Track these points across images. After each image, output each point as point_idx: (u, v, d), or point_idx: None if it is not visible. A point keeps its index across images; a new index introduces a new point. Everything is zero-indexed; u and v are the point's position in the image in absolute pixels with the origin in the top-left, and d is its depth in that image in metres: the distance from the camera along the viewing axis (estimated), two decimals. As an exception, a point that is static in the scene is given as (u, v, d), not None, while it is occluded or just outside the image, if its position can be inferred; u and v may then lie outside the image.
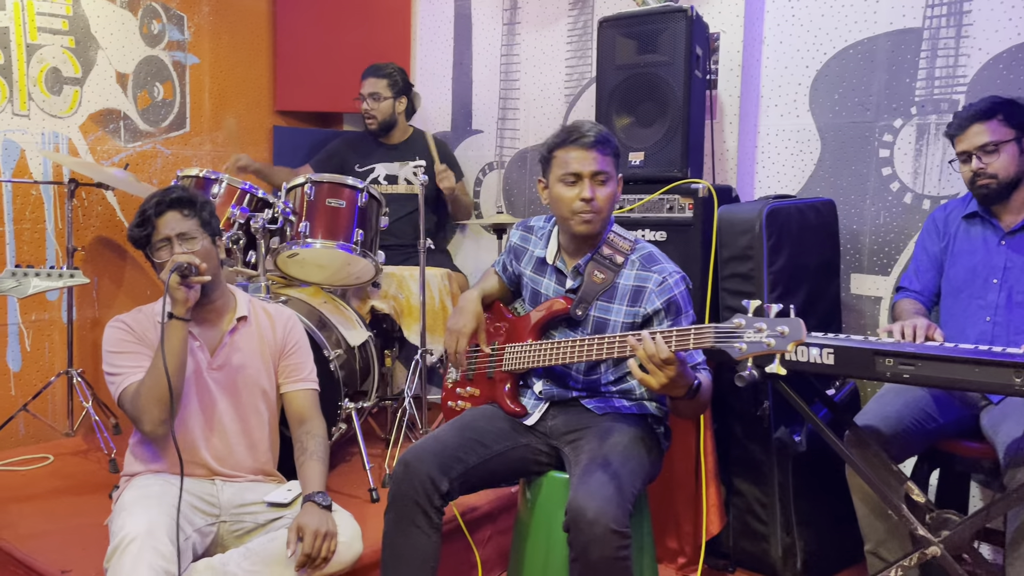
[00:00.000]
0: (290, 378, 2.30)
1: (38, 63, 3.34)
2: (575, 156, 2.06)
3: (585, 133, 2.06)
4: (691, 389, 1.88)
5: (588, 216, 2.07)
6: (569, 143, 2.07)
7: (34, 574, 2.25)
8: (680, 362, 1.81)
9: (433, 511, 1.98)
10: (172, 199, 2.12)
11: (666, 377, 1.79)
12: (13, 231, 3.31)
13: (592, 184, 2.06)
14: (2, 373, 3.32)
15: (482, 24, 4.00)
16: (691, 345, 1.79)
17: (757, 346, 1.68)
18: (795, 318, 1.67)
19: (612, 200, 2.11)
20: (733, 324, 1.71)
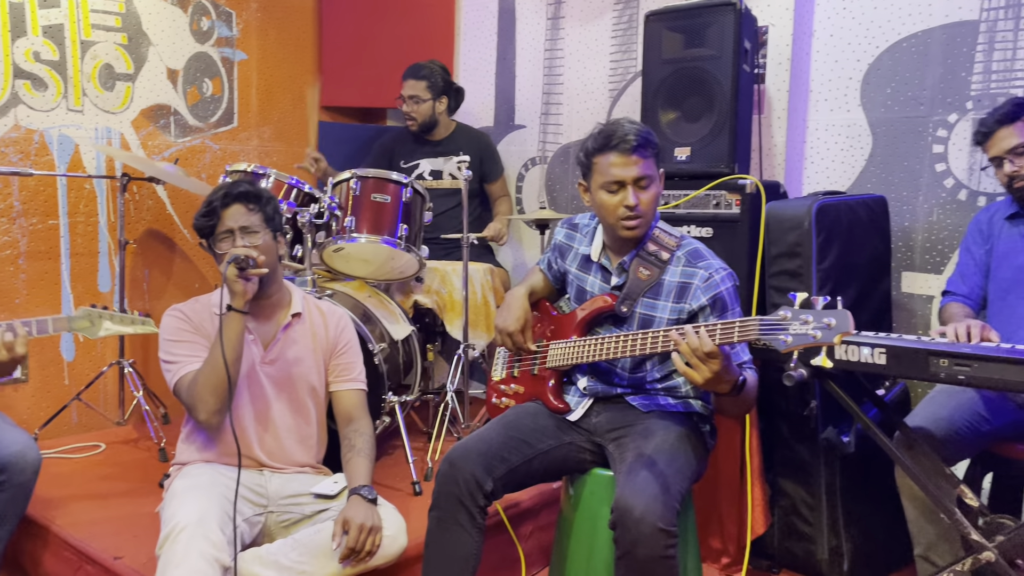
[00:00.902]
0: (340, 377, 2.32)
1: (92, 59, 3.41)
2: (616, 163, 2.03)
3: (624, 138, 2.01)
4: (736, 385, 1.85)
5: (633, 223, 2.06)
6: (609, 149, 2.03)
7: (87, 560, 2.30)
8: (725, 356, 1.78)
9: (477, 510, 1.99)
10: (239, 192, 2.14)
11: (710, 371, 1.77)
12: (68, 224, 3.39)
13: (635, 190, 2.03)
14: (56, 363, 3.41)
15: (526, 19, 3.99)
16: (736, 338, 1.76)
17: (803, 338, 1.66)
18: (842, 310, 1.64)
19: (656, 201, 2.08)
20: (779, 316, 1.69)
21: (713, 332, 1.78)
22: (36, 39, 3.25)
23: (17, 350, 2.08)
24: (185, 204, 3.75)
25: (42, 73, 3.28)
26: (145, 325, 2.28)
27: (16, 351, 2.08)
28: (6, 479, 2.18)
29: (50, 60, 3.30)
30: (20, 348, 2.09)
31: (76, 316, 2.22)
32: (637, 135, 2.02)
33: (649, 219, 2.09)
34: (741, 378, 1.87)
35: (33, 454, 2.23)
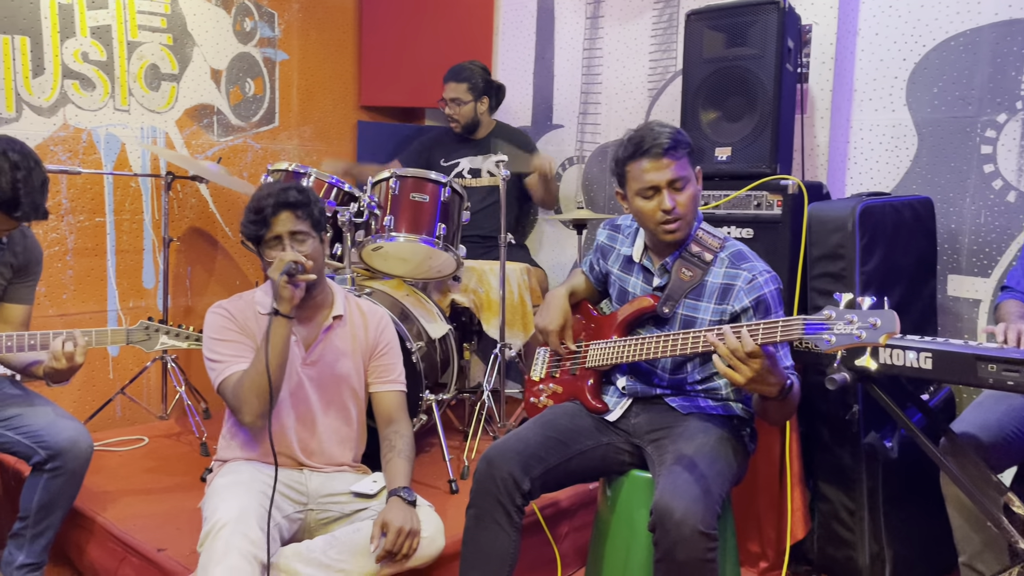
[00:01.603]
0: (380, 378, 2.33)
1: (138, 60, 3.48)
2: (648, 168, 2.02)
3: (654, 142, 2.00)
4: (783, 389, 1.83)
5: (673, 226, 2.04)
6: (640, 155, 2.02)
7: (132, 551, 2.35)
8: (769, 357, 1.76)
9: (514, 509, 1.99)
10: (289, 201, 2.13)
11: (752, 371, 1.75)
12: (114, 221, 3.46)
13: (671, 192, 2.02)
14: (102, 357, 3.48)
15: (564, 18, 3.98)
16: (779, 337, 1.74)
17: (847, 338, 1.63)
18: (888, 310, 1.61)
19: (694, 201, 2.06)
20: (823, 316, 1.66)
21: (756, 332, 1.76)
22: (84, 40, 3.32)
23: (76, 359, 2.14)
24: (227, 202, 3.81)
25: (90, 73, 3.35)
26: (199, 341, 2.31)
27: (75, 360, 2.13)
28: (60, 464, 2.23)
29: (98, 60, 3.37)
30: (79, 358, 2.14)
31: (134, 329, 2.27)
32: (667, 137, 2.00)
33: (690, 220, 2.07)
34: (789, 382, 1.85)
35: (86, 441, 2.28)
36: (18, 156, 2.11)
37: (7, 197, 2.08)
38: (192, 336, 2.33)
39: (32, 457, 2.24)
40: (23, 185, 2.09)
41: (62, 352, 2.11)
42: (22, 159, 2.11)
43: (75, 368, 2.15)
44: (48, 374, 2.18)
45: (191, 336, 2.33)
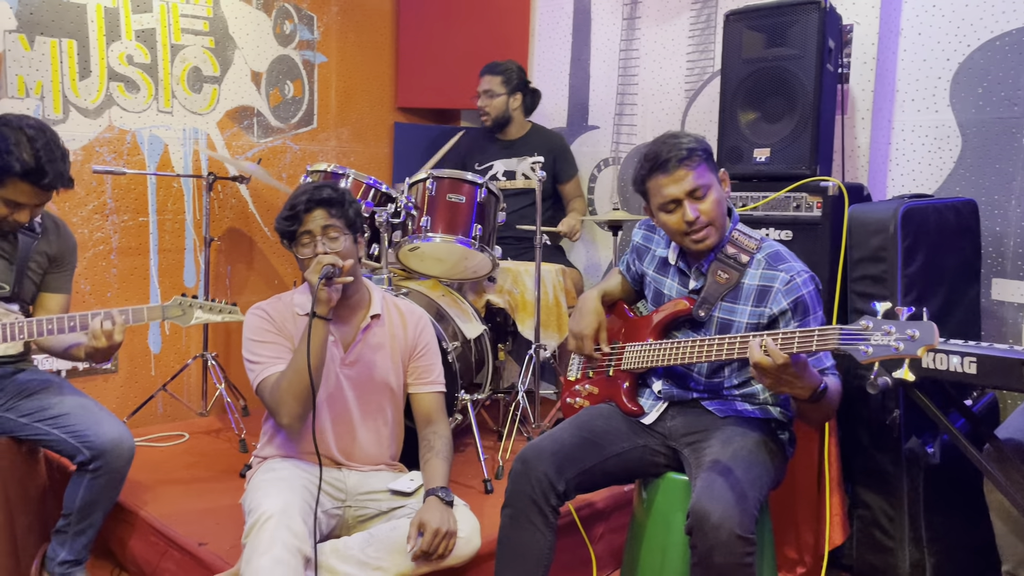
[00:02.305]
0: (419, 379, 2.34)
1: (181, 62, 3.54)
2: (665, 182, 2.01)
3: (668, 155, 1.99)
4: (816, 392, 1.82)
5: (700, 235, 2.04)
6: (656, 171, 2.02)
7: (173, 545, 2.39)
8: (802, 364, 1.75)
9: (549, 510, 1.99)
10: (322, 198, 2.15)
11: (781, 377, 1.75)
12: (156, 221, 3.53)
13: (692, 202, 2.01)
14: (144, 355, 3.55)
15: (601, 19, 3.98)
16: (814, 347, 1.73)
17: (884, 349, 1.61)
18: (927, 321, 1.59)
19: (719, 205, 2.04)
20: (860, 326, 1.65)
21: (791, 340, 1.75)
22: (130, 43, 3.39)
23: (115, 338, 2.17)
24: (266, 203, 3.86)
25: (135, 76, 3.42)
26: (232, 313, 2.34)
27: (114, 339, 2.17)
28: (102, 465, 2.27)
29: (142, 63, 3.44)
30: (118, 336, 2.18)
31: (169, 305, 2.29)
32: (680, 148, 1.99)
33: (717, 225, 2.05)
34: (822, 385, 1.83)
35: (128, 442, 2.32)
36: (34, 130, 2.18)
37: (31, 167, 2.14)
38: (226, 309, 2.34)
39: (76, 456, 2.28)
40: (44, 153, 2.16)
41: (101, 330, 2.15)
42: (38, 132, 2.18)
43: (114, 347, 2.19)
44: (89, 354, 2.22)
45: (225, 309, 2.34)
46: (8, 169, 2.14)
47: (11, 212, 2.23)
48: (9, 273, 2.35)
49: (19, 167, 2.13)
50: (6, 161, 2.13)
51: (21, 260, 2.35)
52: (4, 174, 2.15)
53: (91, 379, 3.38)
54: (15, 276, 2.35)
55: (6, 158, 2.13)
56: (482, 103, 3.79)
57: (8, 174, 2.14)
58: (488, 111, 3.78)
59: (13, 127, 2.16)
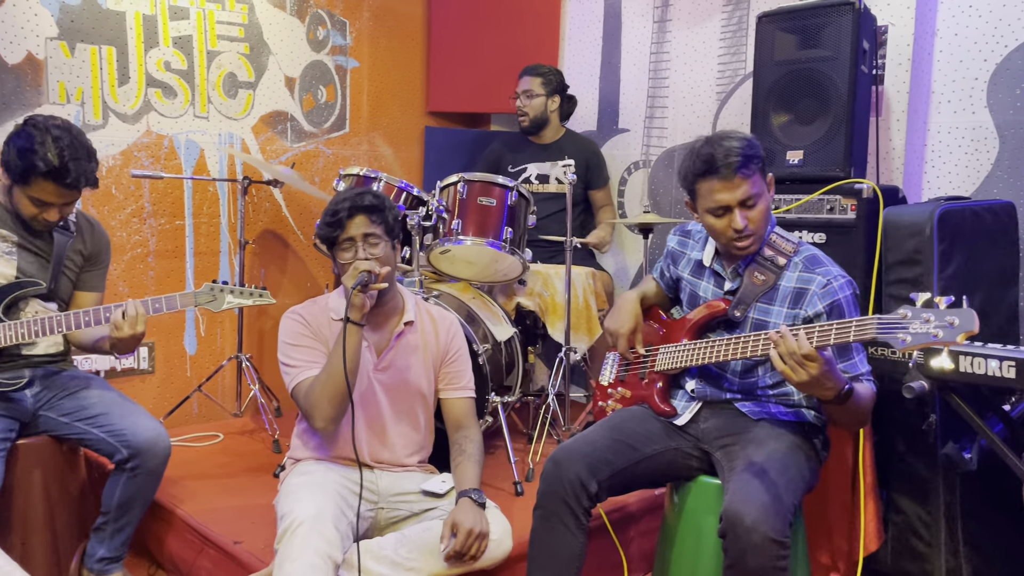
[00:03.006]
0: (450, 385, 2.36)
1: (217, 69, 3.60)
2: (718, 188, 1.98)
3: (725, 160, 1.95)
4: (840, 394, 1.80)
5: (745, 243, 2.03)
6: (710, 174, 1.98)
7: (209, 543, 2.43)
8: (825, 361, 1.74)
9: (581, 511, 2.00)
10: (364, 205, 2.17)
11: (807, 375, 1.74)
12: (192, 224, 3.59)
13: (742, 211, 1.99)
14: (180, 356, 3.60)
15: (632, 22, 3.97)
16: (852, 337, 1.72)
17: (923, 337, 1.61)
18: (967, 308, 1.58)
19: (766, 215, 2.04)
20: (898, 315, 1.64)
21: (828, 331, 1.75)
22: (167, 50, 3.45)
23: (137, 328, 2.22)
24: (299, 207, 3.91)
25: (172, 82, 3.48)
26: (263, 297, 2.37)
27: (136, 329, 2.21)
28: (139, 464, 2.32)
29: (179, 69, 3.50)
30: (140, 326, 2.22)
31: (200, 292, 2.34)
32: (738, 154, 1.96)
33: (761, 234, 2.05)
34: (846, 386, 1.82)
35: (164, 442, 2.36)
36: (59, 130, 2.23)
37: (55, 166, 2.19)
38: (256, 292, 2.37)
39: (114, 455, 2.33)
40: (68, 152, 2.21)
41: (123, 320, 2.20)
42: (63, 132, 2.23)
43: (137, 337, 2.23)
44: (113, 345, 2.27)
45: (255, 292, 2.37)
46: (33, 168, 2.20)
47: (40, 211, 2.29)
48: (46, 271, 2.41)
49: (43, 166, 2.19)
50: (31, 160, 2.19)
51: (57, 258, 2.42)
52: (29, 173, 2.21)
53: (128, 379, 3.44)
54: (52, 274, 2.41)
55: (31, 157, 2.19)
56: (520, 103, 3.80)
57: (33, 173, 2.21)
58: (526, 111, 3.80)
59: (39, 128, 2.22)
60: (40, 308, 2.40)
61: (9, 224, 2.37)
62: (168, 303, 2.29)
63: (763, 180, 2.03)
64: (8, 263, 2.37)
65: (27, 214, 2.31)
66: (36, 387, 2.42)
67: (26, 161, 2.20)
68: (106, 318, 2.26)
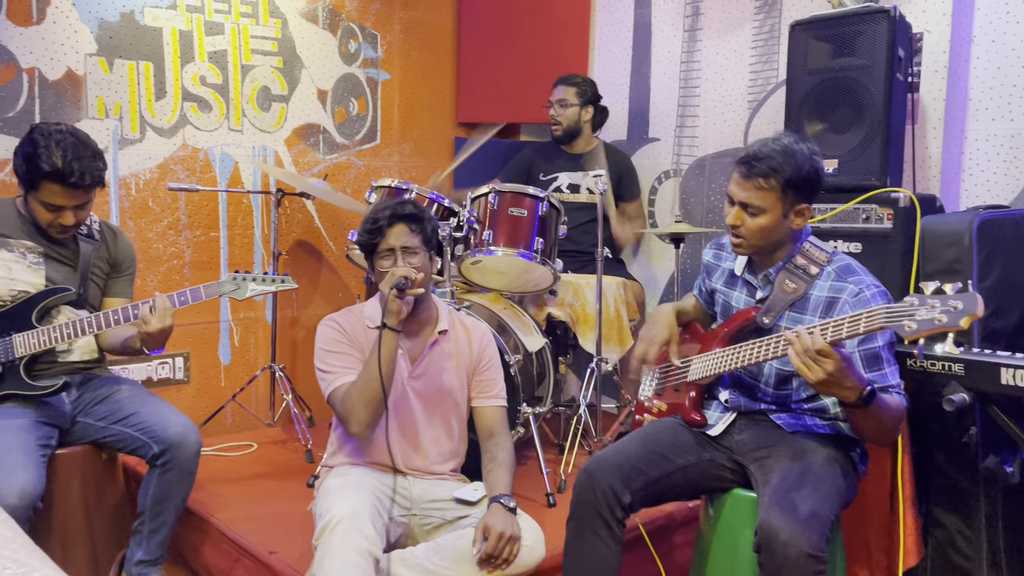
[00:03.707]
0: (482, 393, 2.37)
1: (251, 82, 3.65)
2: (735, 179, 2.05)
3: (754, 159, 1.99)
4: (862, 396, 1.78)
5: (736, 240, 2.08)
6: (739, 163, 2.04)
7: (245, 553, 2.45)
8: (843, 359, 1.73)
9: (615, 522, 1.98)
10: (404, 214, 2.21)
11: (824, 372, 1.73)
12: (227, 236, 3.63)
13: (740, 211, 2.03)
14: (214, 366, 3.64)
15: (662, 32, 3.97)
16: (862, 328, 1.72)
17: (927, 324, 1.61)
18: (971, 292, 1.59)
19: (763, 231, 2.02)
20: (905, 303, 1.66)
21: (840, 324, 1.75)
22: (203, 64, 3.51)
23: (166, 321, 2.26)
24: (331, 218, 3.95)
25: (207, 96, 3.54)
26: (285, 283, 2.42)
27: (165, 322, 2.26)
28: (171, 458, 2.35)
29: (214, 84, 3.55)
30: (168, 319, 2.26)
31: (223, 281, 2.39)
32: (767, 164, 1.97)
33: (753, 244, 2.05)
34: (868, 387, 1.79)
35: (194, 436, 2.39)
36: (62, 133, 2.29)
37: (58, 167, 2.24)
38: (278, 279, 2.42)
39: (147, 452, 2.37)
40: (71, 153, 2.26)
41: (150, 314, 2.25)
42: (66, 135, 2.29)
43: (166, 331, 2.28)
44: (144, 341, 2.31)
45: (277, 279, 2.41)
46: (39, 171, 2.26)
47: (55, 216, 2.34)
48: (74, 279, 2.47)
49: (47, 167, 2.25)
50: (36, 164, 2.25)
51: (84, 265, 2.48)
52: (36, 177, 2.27)
53: (164, 389, 3.49)
54: (79, 280, 2.47)
55: (36, 161, 2.25)
56: (554, 112, 3.81)
57: (39, 176, 2.27)
58: (560, 120, 3.80)
59: (43, 133, 2.28)
60: (71, 314, 2.45)
61: (34, 235, 2.43)
62: (193, 295, 2.34)
63: (779, 202, 1.98)
64: (36, 272, 2.42)
65: (43, 221, 2.36)
66: (73, 393, 2.47)
67: (32, 166, 2.26)
68: (134, 315, 2.31)
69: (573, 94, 3.79)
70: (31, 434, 2.27)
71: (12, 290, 2.39)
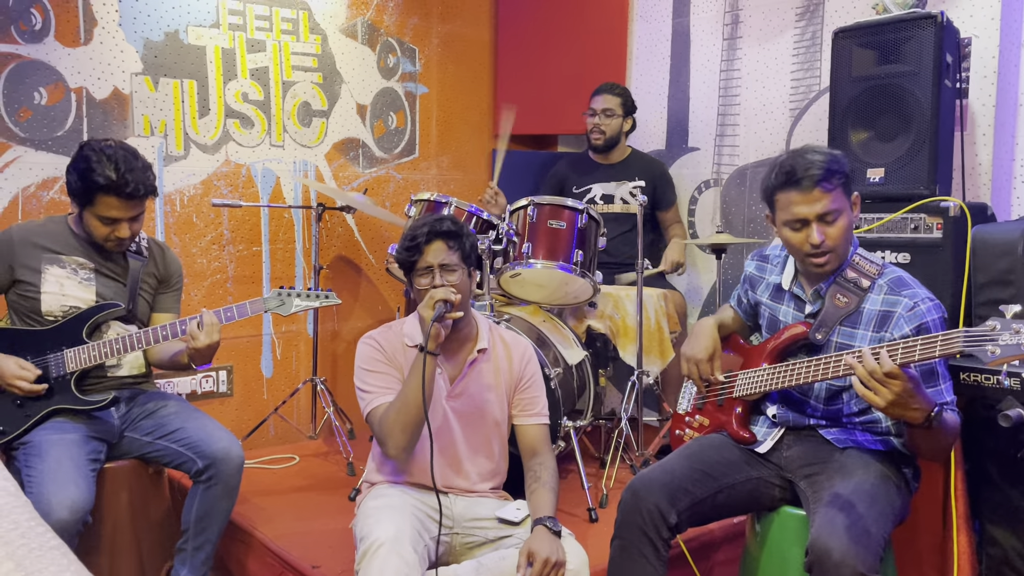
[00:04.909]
0: (524, 411, 2.34)
1: (292, 98, 3.69)
2: (797, 200, 1.94)
3: (805, 172, 1.92)
4: (929, 417, 1.73)
5: (821, 260, 1.98)
6: (789, 185, 1.95)
7: (289, 567, 2.46)
8: (911, 379, 1.68)
9: (661, 543, 1.95)
10: (443, 231, 2.19)
11: (892, 394, 1.67)
12: (269, 250, 3.68)
13: (820, 225, 1.94)
14: (257, 379, 3.68)
15: (701, 40, 3.94)
16: (937, 352, 1.66)
17: (1013, 349, 1.55)
18: None
19: (846, 233, 1.98)
20: (987, 327, 1.59)
21: (913, 347, 1.69)
22: (245, 81, 3.56)
23: (214, 336, 2.31)
24: (371, 232, 3.97)
25: (249, 112, 3.59)
26: (329, 298, 2.45)
27: (213, 337, 2.31)
28: (214, 474, 2.37)
29: (256, 100, 3.60)
30: (215, 335, 2.31)
31: (268, 297, 2.43)
32: (820, 167, 1.92)
33: (841, 251, 1.99)
34: (936, 408, 1.74)
35: (237, 450, 2.42)
36: (112, 148, 2.35)
37: (113, 179, 2.30)
38: (322, 295, 2.45)
39: (191, 467, 2.40)
40: (123, 165, 2.32)
41: (198, 330, 2.30)
42: (117, 149, 2.35)
43: (213, 346, 2.33)
44: (191, 356, 2.35)
45: (321, 295, 2.44)
46: (94, 186, 2.31)
47: (111, 229, 2.39)
48: (123, 294, 2.51)
49: (103, 180, 2.30)
50: (91, 179, 2.31)
51: (132, 281, 2.52)
52: (92, 192, 2.33)
53: (208, 402, 3.53)
54: (129, 296, 2.51)
55: (91, 176, 2.30)
56: (599, 121, 3.77)
57: (95, 191, 2.32)
58: (604, 129, 3.77)
59: (94, 149, 2.34)
60: (120, 329, 2.50)
61: (86, 252, 2.48)
62: (239, 311, 2.38)
63: (845, 197, 1.97)
64: (87, 288, 2.47)
65: (99, 236, 2.41)
66: (122, 408, 2.51)
67: (87, 181, 2.31)
68: (182, 331, 2.35)
69: (618, 104, 3.76)
70: (81, 449, 2.32)
71: (64, 305, 2.44)
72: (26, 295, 2.43)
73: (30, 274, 2.43)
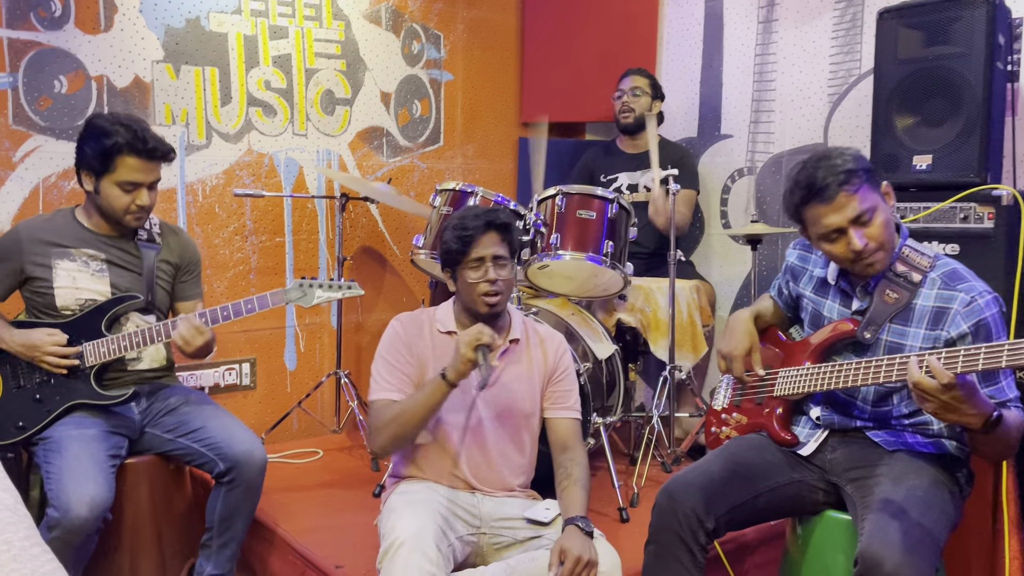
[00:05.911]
0: (556, 404, 2.27)
1: (315, 86, 3.62)
2: (824, 212, 1.84)
3: (824, 182, 1.82)
4: (988, 422, 1.62)
5: (870, 260, 1.87)
6: (812, 200, 1.85)
7: (311, 566, 2.40)
8: (969, 387, 1.58)
9: (698, 548, 1.87)
10: (499, 222, 2.12)
11: (943, 401, 1.58)
12: (292, 241, 3.61)
13: (857, 228, 1.84)
14: (280, 372, 3.63)
15: (734, 24, 3.81)
16: (1004, 362, 1.54)
17: None
18: None
19: (887, 227, 1.87)
20: None
21: (976, 356, 1.57)
22: (267, 69, 3.50)
23: (197, 341, 2.29)
24: (395, 222, 3.90)
25: (272, 100, 3.52)
26: (351, 289, 2.41)
27: (197, 342, 2.29)
28: (237, 476, 2.32)
29: (279, 88, 3.53)
30: (199, 338, 2.29)
31: (290, 288, 2.39)
32: (838, 170, 1.82)
33: (888, 247, 1.88)
34: (995, 413, 1.64)
35: (259, 453, 2.36)
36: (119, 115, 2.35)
37: (131, 138, 2.29)
38: (345, 285, 2.40)
39: (213, 469, 2.35)
40: (137, 125, 2.32)
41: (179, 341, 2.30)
42: (127, 116, 2.36)
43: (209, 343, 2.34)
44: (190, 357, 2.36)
45: (343, 285, 2.40)
46: (114, 148, 2.29)
47: (132, 198, 2.35)
48: (139, 284, 2.45)
49: (122, 139, 2.28)
50: (110, 143, 2.28)
51: (148, 271, 2.47)
52: (112, 155, 2.30)
53: (231, 395, 3.48)
54: (145, 286, 2.46)
55: (107, 140, 2.28)
56: (628, 100, 3.68)
57: (115, 153, 2.29)
58: (633, 107, 3.68)
59: (103, 118, 2.33)
60: (140, 321, 2.45)
61: (94, 244, 2.43)
62: (260, 302, 2.34)
63: (874, 192, 1.86)
64: (100, 280, 2.42)
65: (120, 208, 2.36)
66: (143, 403, 2.46)
67: (104, 146, 2.28)
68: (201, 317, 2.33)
69: (647, 84, 3.69)
70: (101, 444, 2.27)
71: (79, 299, 2.39)
72: (40, 291, 2.39)
73: (41, 270, 2.38)
